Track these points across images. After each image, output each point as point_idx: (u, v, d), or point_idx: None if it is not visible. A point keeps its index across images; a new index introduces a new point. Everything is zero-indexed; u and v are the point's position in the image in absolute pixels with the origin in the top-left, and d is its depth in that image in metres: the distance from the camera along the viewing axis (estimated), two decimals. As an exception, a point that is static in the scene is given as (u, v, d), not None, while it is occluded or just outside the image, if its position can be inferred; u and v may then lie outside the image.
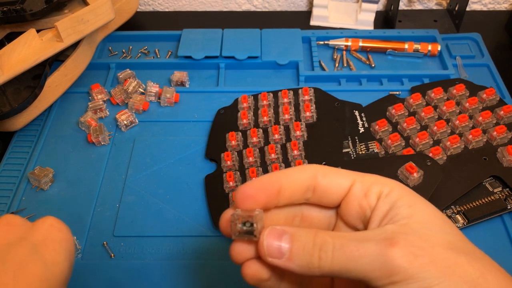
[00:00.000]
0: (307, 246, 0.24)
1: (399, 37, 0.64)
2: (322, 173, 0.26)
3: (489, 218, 0.44)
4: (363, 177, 0.26)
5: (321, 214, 0.28)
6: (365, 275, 0.23)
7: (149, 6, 0.77)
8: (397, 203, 0.24)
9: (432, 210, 0.25)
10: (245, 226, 0.24)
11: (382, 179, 0.26)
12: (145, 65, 0.62)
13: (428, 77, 0.59)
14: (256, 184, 0.25)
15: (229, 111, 0.54)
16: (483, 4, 0.75)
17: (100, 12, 0.55)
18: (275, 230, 0.24)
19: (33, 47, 0.52)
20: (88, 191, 0.48)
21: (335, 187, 0.26)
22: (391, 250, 0.22)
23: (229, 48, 0.61)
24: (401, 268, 0.22)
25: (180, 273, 0.42)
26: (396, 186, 0.25)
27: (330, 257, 0.23)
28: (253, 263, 0.26)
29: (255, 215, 0.24)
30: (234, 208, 0.26)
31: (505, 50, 0.66)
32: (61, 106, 0.57)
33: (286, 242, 0.24)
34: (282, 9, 0.76)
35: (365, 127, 0.50)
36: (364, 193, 0.26)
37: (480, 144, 0.48)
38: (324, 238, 0.24)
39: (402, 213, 0.24)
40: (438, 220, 0.24)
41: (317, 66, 0.61)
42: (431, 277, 0.22)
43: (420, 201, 0.25)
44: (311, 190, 0.26)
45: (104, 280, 0.42)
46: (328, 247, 0.23)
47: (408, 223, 0.24)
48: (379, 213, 0.25)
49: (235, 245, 0.26)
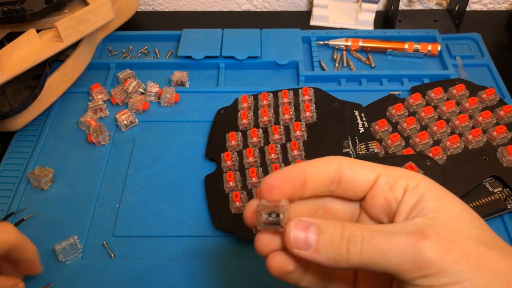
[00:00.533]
0: (334, 238, 0.23)
1: (399, 37, 0.64)
2: (348, 165, 0.26)
3: (489, 218, 0.44)
4: (389, 170, 0.26)
5: (344, 206, 0.28)
6: (395, 268, 0.22)
7: (149, 6, 0.77)
8: (424, 196, 0.24)
9: (460, 204, 0.24)
10: (270, 216, 0.24)
11: (409, 172, 0.26)
12: (145, 65, 0.62)
13: (428, 77, 0.59)
14: (281, 175, 0.25)
15: (229, 111, 0.54)
16: (483, 4, 0.75)
17: (100, 12, 0.55)
18: (302, 221, 0.24)
19: (33, 47, 0.52)
20: (88, 191, 0.48)
21: (360, 180, 0.26)
22: (422, 243, 0.22)
23: (229, 48, 0.61)
24: (432, 261, 0.21)
25: (180, 273, 0.42)
26: (422, 180, 0.25)
27: (359, 250, 0.23)
28: (279, 255, 0.25)
29: (281, 206, 0.24)
30: (259, 199, 0.25)
31: (505, 50, 0.66)
32: (61, 106, 0.57)
33: (313, 233, 0.24)
34: (282, 9, 0.76)
35: (365, 127, 0.50)
36: (390, 186, 0.25)
37: (480, 144, 0.48)
38: (353, 230, 0.23)
39: (430, 207, 0.24)
40: (467, 214, 0.24)
41: (317, 66, 0.61)
42: (463, 271, 0.21)
43: (448, 195, 0.25)
44: (336, 182, 0.26)
45: (104, 280, 0.42)
46: (357, 239, 0.23)
47: (437, 217, 0.23)
48: (406, 206, 0.24)
49: (260, 237, 0.25)
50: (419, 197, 0.24)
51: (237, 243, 0.44)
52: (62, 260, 0.42)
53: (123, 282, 0.42)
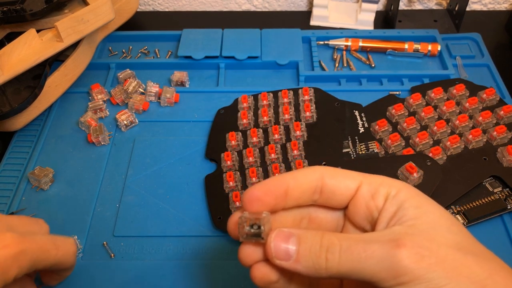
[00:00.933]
0: (313, 248, 0.24)
1: (399, 37, 0.64)
2: (329, 175, 0.26)
3: (489, 218, 0.44)
4: (370, 178, 0.26)
5: (328, 215, 0.28)
6: (372, 276, 0.23)
7: (149, 6, 0.77)
8: (404, 204, 0.25)
9: (439, 211, 0.25)
10: (252, 228, 0.24)
11: (390, 180, 0.26)
12: (145, 65, 0.62)
13: (428, 77, 0.59)
14: (263, 187, 0.26)
15: (229, 111, 0.54)
16: (483, 4, 0.75)
17: (100, 12, 0.55)
18: (282, 232, 0.25)
19: (33, 47, 0.52)
20: (88, 191, 0.48)
21: (342, 189, 0.26)
22: (398, 251, 0.22)
23: (229, 48, 0.61)
24: (408, 269, 0.22)
25: (180, 273, 0.42)
26: (403, 187, 0.25)
27: (337, 259, 0.23)
28: (262, 266, 0.26)
29: (263, 218, 0.25)
30: (241, 210, 0.26)
31: (505, 50, 0.66)
32: (61, 106, 0.57)
33: (293, 244, 0.24)
34: (282, 9, 0.76)
35: (365, 127, 0.50)
36: (371, 195, 0.26)
37: (480, 144, 0.48)
38: (331, 239, 0.24)
39: (409, 214, 0.24)
40: (446, 220, 0.24)
41: (317, 66, 0.61)
42: (438, 277, 0.22)
43: (428, 202, 0.25)
44: (318, 191, 0.26)
45: (104, 280, 0.42)
46: (335, 249, 0.23)
47: (415, 224, 0.24)
48: (387, 214, 0.25)
49: (243, 248, 0.26)
50: (399, 205, 0.25)
51: (237, 243, 0.44)
52: None
53: (123, 282, 0.42)
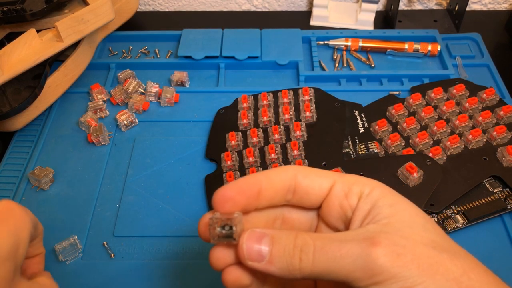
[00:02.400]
0: (287, 248, 0.23)
1: (399, 37, 0.64)
2: (303, 174, 0.26)
3: (489, 218, 0.44)
4: (344, 177, 0.26)
5: (302, 216, 0.28)
6: (347, 276, 0.22)
7: (149, 6, 0.77)
8: (378, 202, 0.24)
9: (413, 209, 0.24)
10: (224, 229, 0.24)
11: (363, 179, 0.26)
12: (145, 65, 0.62)
13: (428, 77, 0.59)
14: (235, 186, 0.25)
15: (229, 111, 0.54)
16: (483, 4, 0.75)
17: (100, 12, 0.55)
18: (255, 232, 0.24)
19: (33, 47, 0.52)
20: (88, 191, 0.48)
21: (315, 188, 0.26)
22: (373, 250, 0.22)
23: (229, 48, 0.61)
24: (383, 267, 0.21)
25: (180, 273, 0.42)
26: (376, 186, 0.25)
27: (311, 259, 0.23)
28: (234, 269, 0.25)
29: (234, 218, 0.24)
30: (212, 212, 0.25)
31: (505, 50, 0.66)
32: (61, 106, 0.57)
33: (266, 244, 0.23)
34: (282, 9, 0.76)
35: (365, 127, 0.50)
36: (344, 194, 0.25)
37: (480, 144, 0.48)
38: (305, 239, 0.23)
39: (384, 213, 0.24)
40: (420, 218, 0.24)
41: (317, 66, 0.61)
42: (413, 276, 0.21)
43: (401, 200, 0.25)
44: (291, 191, 0.26)
45: (104, 280, 0.42)
46: (309, 249, 0.23)
47: (389, 222, 0.23)
48: (360, 213, 0.25)
49: (214, 251, 0.25)
50: (373, 203, 0.24)
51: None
52: (62, 260, 0.42)
53: (123, 282, 0.42)
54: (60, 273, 0.42)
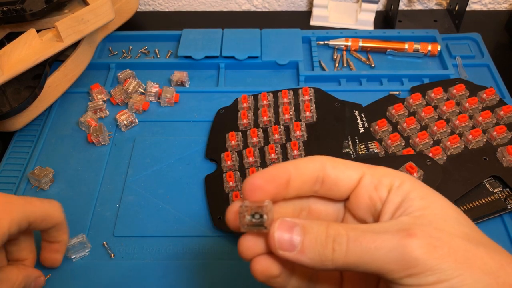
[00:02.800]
0: (319, 238, 0.23)
1: (399, 37, 0.64)
2: (332, 165, 0.25)
3: (489, 218, 0.44)
4: (373, 169, 0.25)
5: (329, 207, 0.28)
6: (381, 268, 0.22)
7: (149, 6, 0.77)
8: (409, 195, 0.24)
9: (445, 202, 0.24)
10: (254, 218, 0.23)
11: (393, 172, 0.25)
12: (145, 65, 0.62)
13: (428, 77, 0.59)
14: (265, 175, 0.24)
15: (229, 111, 0.54)
16: (483, 4, 0.75)
17: (100, 12, 0.55)
18: (286, 222, 0.23)
19: (33, 47, 0.52)
20: (88, 191, 0.48)
21: (344, 179, 0.25)
22: (409, 241, 0.21)
23: (229, 48, 0.61)
24: (419, 260, 0.21)
25: (180, 273, 0.42)
26: (407, 179, 0.25)
27: (344, 249, 0.22)
28: (263, 259, 0.25)
29: (265, 206, 0.23)
30: (241, 200, 0.25)
31: (505, 50, 0.66)
32: (61, 106, 0.57)
33: (297, 234, 0.23)
34: (282, 9, 0.76)
35: (365, 127, 0.50)
36: (374, 186, 0.25)
37: (480, 144, 0.48)
38: (338, 229, 0.23)
39: (416, 205, 0.23)
40: (453, 211, 0.24)
41: (317, 66, 0.61)
42: (450, 269, 0.21)
43: (433, 193, 0.24)
44: (319, 182, 0.25)
45: (104, 280, 0.42)
46: (342, 239, 0.22)
47: (422, 215, 0.23)
48: (391, 205, 0.24)
49: (243, 240, 0.25)
50: (404, 196, 0.24)
51: (237, 243, 0.44)
52: (70, 257, 0.43)
53: (123, 282, 0.42)
54: (60, 273, 0.42)
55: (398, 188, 0.24)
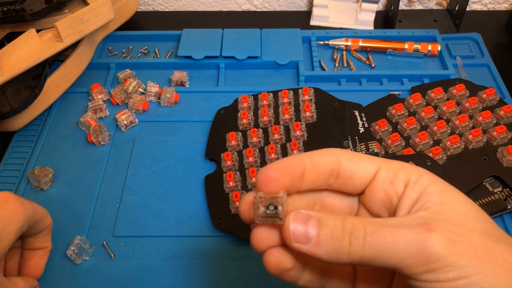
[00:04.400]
0: (336, 231, 0.22)
1: (399, 37, 0.64)
2: (347, 158, 0.25)
3: (489, 218, 0.44)
4: (389, 163, 0.25)
5: (343, 201, 0.27)
6: (399, 263, 0.21)
7: (149, 6, 0.77)
8: (427, 190, 0.23)
9: (464, 198, 0.24)
10: (268, 209, 0.23)
11: (409, 166, 0.25)
12: (145, 65, 0.62)
13: (428, 77, 0.59)
14: (279, 166, 0.24)
15: (229, 111, 0.54)
16: (483, 4, 0.75)
17: (100, 12, 0.55)
18: (301, 214, 0.23)
19: (33, 47, 0.52)
20: (88, 191, 0.48)
21: (360, 173, 0.25)
22: (428, 236, 0.21)
23: (229, 48, 0.61)
24: (439, 255, 0.21)
25: (180, 273, 0.42)
26: (424, 173, 0.24)
27: (361, 243, 0.22)
28: (277, 251, 0.24)
29: (279, 197, 0.23)
30: (255, 191, 0.24)
31: (505, 50, 0.66)
32: (61, 106, 0.57)
33: (313, 226, 0.22)
34: (282, 9, 0.76)
35: (365, 127, 0.50)
36: (390, 180, 0.24)
37: (480, 144, 0.48)
38: (354, 223, 0.22)
39: (434, 200, 0.23)
40: (471, 207, 0.23)
41: (317, 66, 0.61)
42: (471, 265, 0.21)
43: (451, 189, 0.24)
44: (334, 175, 0.25)
45: (104, 280, 0.42)
46: (359, 233, 0.22)
47: (441, 210, 0.22)
48: (408, 200, 0.24)
49: (257, 231, 0.24)
50: (421, 190, 0.23)
51: (237, 243, 0.44)
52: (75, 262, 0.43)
53: (123, 282, 0.42)
54: (60, 273, 0.42)
55: (415, 182, 0.24)
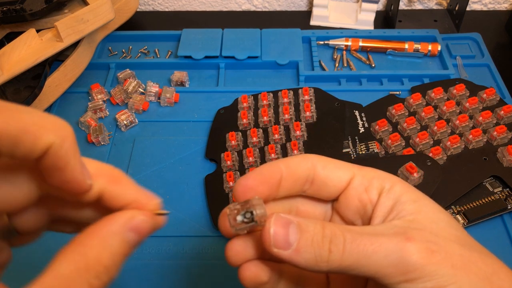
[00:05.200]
0: (316, 238, 0.22)
1: (399, 37, 0.64)
2: (322, 164, 0.25)
3: (489, 218, 0.44)
4: (363, 170, 0.25)
5: (316, 208, 0.27)
6: (377, 272, 0.21)
7: (149, 5, 0.77)
8: (401, 198, 0.24)
9: (436, 206, 0.24)
10: (245, 217, 0.22)
11: (383, 174, 0.25)
12: (145, 65, 0.62)
13: (428, 77, 0.59)
14: (257, 175, 0.24)
15: (229, 111, 0.54)
16: (483, 4, 0.75)
17: (100, 12, 0.55)
18: (282, 218, 0.22)
19: (33, 47, 0.52)
20: (88, 191, 0.48)
21: (334, 180, 0.25)
22: (407, 245, 0.21)
23: (229, 48, 0.61)
24: (417, 265, 0.21)
25: (180, 273, 0.42)
26: (397, 181, 0.24)
27: (341, 251, 0.21)
28: (253, 265, 0.24)
29: (254, 202, 0.22)
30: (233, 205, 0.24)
31: (505, 50, 0.66)
32: (61, 106, 0.57)
33: (293, 232, 0.22)
34: (282, 9, 0.76)
35: (365, 127, 0.50)
36: (364, 188, 0.24)
37: (480, 144, 0.48)
38: (334, 230, 0.22)
39: (408, 209, 0.23)
40: (444, 215, 0.23)
41: (317, 66, 0.61)
42: (447, 274, 0.21)
43: (423, 197, 0.24)
44: (309, 181, 0.25)
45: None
46: (339, 240, 0.22)
47: (415, 219, 0.23)
48: (383, 208, 0.24)
49: (232, 245, 0.24)
50: (396, 199, 0.24)
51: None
52: None
53: (123, 282, 0.41)
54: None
55: (389, 191, 0.24)
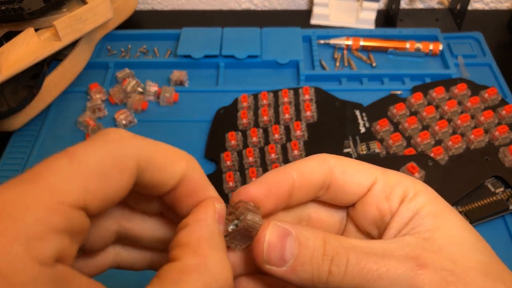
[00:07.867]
0: (315, 255, 0.19)
1: (401, 36, 0.64)
2: (341, 168, 0.22)
3: (491, 218, 0.44)
4: (387, 175, 0.22)
5: (331, 216, 0.24)
6: None
7: (148, 4, 0.76)
8: (422, 210, 0.21)
9: (462, 223, 0.21)
10: (236, 226, 0.20)
11: (408, 180, 0.22)
12: (144, 64, 0.62)
13: (429, 77, 0.58)
14: (262, 187, 0.21)
15: (229, 111, 0.54)
16: (485, 3, 0.74)
17: (98, 11, 0.55)
18: (278, 227, 0.19)
19: (31, 46, 0.51)
20: (87, 191, 0.48)
21: (353, 186, 0.22)
22: (419, 274, 0.18)
23: (229, 47, 0.61)
24: None
25: (179, 275, 0.42)
26: (422, 190, 0.22)
27: (342, 274, 0.19)
28: (243, 281, 0.22)
29: (240, 206, 0.20)
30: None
31: (507, 49, 0.66)
32: (59, 105, 0.57)
33: (291, 246, 0.19)
34: (282, 8, 0.76)
35: (366, 127, 0.50)
36: (386, 195, 0.22)
37: (482, 144, 0.48)
38: (336, 248, 0.19)
39: (426, 224, 0.21)
40: (469, 235, 0.20)
41: (318, 65, 0.60)
42: None
43: (448, 211, 0.21)
44: (325, 187, 0.22)
45: (104, 280, 0.41)
46: (341, 261, 0.19)
47: (432, 237, 0.20)
48: (400, 219, 0.21)
49: None
50: (415, 211, 0.21)
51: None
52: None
53: (123, 282, 0.41)
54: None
55: (411, 200, 0.21)
